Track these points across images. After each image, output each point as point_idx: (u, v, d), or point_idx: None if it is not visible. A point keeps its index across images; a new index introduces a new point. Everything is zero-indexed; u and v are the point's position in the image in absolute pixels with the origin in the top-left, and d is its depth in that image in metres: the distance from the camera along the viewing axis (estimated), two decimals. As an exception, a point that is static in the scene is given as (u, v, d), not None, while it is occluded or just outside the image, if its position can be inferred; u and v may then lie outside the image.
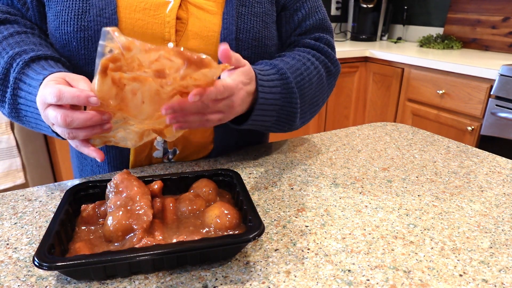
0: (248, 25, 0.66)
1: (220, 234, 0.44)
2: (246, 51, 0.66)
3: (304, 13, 0.74)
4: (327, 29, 0.77)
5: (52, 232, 0.40)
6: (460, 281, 0.40)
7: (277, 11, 0.73)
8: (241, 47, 0.66)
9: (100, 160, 0.48)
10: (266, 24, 0.69)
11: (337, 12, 2.87)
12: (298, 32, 0.75)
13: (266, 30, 0.69)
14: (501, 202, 0.57)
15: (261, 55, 0.69)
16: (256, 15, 0.67)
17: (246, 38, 0.66)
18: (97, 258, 0.37)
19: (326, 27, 0.77)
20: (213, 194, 0.51)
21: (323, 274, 0.41)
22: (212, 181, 0.53)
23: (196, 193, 0.50)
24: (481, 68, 1.66)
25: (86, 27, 0.60)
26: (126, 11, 0.61)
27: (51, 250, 0.39)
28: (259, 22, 0.68)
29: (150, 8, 0.62)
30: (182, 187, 0.53)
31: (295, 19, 0.74)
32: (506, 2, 2.11)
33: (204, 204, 0.48)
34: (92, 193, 0.51)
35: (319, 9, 0.76)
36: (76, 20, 0.59)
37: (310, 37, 0.75)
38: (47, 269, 0.36)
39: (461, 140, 1.83)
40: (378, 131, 0.86)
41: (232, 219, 0.45)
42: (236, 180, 0.52)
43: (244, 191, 0.49)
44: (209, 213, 0.46)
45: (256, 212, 0.44)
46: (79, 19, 0.59)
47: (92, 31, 0.60)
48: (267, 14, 0.69)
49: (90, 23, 0.60)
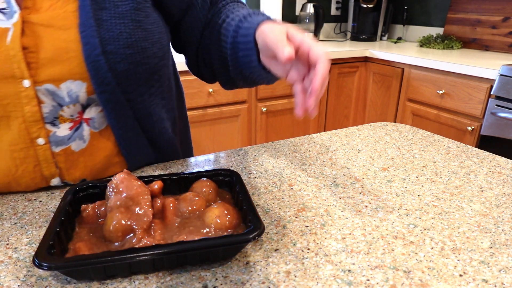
0: (114, 32, 0.53)
1: (220, 234, 0.44)
2: (121, 64, 0.55)
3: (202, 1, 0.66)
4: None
5: (52, 232, 0.40)
6: (460, 281, 0.40)
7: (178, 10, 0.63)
8: (113, 61, 0.54)
9: None
10: (138, 22, 0.56)
11: (337, 12, 2.87)
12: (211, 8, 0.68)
13: (139, 30, 0.56)
14: (501, 202, 0.57)
15: (142, 62, 0.57)
16: (122, 17, 0.54)
17: (116, 49, 0.54)
18: (97, 258, 0.37)
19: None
20: (213, 194, 0.51)
21: (323, 274, 0.41)
22: (212, 181, 0.53)
23: (196, 193, 0.50)
24: (481, 68, 1.66)
25: None
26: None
27: (51, 250, 0.39)
28: (128, 24, 0.55)
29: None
30: (182, 187, 0.53)
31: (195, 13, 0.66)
32: (506, 2, 2.11)
33: (204, 204, 0.49)
34: (92, 193, 0.51)
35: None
36: None
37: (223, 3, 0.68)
38: (47, 269, 0.36)
39: (461, 140, 1.83)
40: (378, 131, 0.86)
41: (232, 219, 0.45)
42: (236, 180, 0.52)
43: (244, 191, 0.49)
44: (209, 213, 0.46)
45: (256, 212, 0.44)
46: None
47: None
48: (137, 10, 0.56)
49: None
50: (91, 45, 0.52)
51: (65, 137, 0.56)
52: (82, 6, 0.52)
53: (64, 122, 0.56)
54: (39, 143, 0.55)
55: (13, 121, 0.53)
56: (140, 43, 0.56)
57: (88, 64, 0.53)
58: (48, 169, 0.57)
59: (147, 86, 0.61)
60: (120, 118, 0.59)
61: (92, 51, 0.52)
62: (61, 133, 0.56)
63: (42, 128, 0.54)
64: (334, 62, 2.18)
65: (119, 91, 0.56)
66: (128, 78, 0.57)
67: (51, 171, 0.57)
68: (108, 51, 0.53)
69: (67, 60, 0.52)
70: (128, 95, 0.58)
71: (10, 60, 0.50)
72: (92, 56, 0.53)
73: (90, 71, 0.53)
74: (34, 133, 0.54)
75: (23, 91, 0.51)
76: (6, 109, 0.52)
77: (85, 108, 0.57)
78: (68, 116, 0.56)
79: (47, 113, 0.54)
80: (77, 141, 0.58)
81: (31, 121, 0.53)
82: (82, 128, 0.58)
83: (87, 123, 0.58)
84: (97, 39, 0.52)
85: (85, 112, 0.57)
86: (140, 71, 0.57)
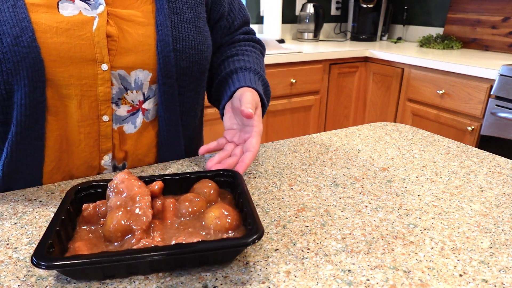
0: (183, 34, 0.64)
1: (220, 236, 0.44)
2: (184, 61, 0.64)
3: (233, 15, 0.79)
4: (249, 21, 0.85)
5: (51, 231, 0.40)
6: (460, 281, 0.40)
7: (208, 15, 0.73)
8: (179, 58, 0.63)
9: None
10: (199, 29, 0.67)
11: (337, 12, 2.87)
12: (229, 32, 0.80)
13: (200, 35, 0.67)
14: (501, 202, 0.57)
15: (198, 62, 0.67)
16: (189, 22, 0.65)
17: (183, 48, 0.63)
18: (93, 259, 0.37)
19: (248, 19, 0.84)
20: (214, 195, 0.51)
21: (323, 274, 0.41)
22: (213, 181, 0.53)
23: (197, 194, 0.50)
24: (481, 68, 1.66)
25: (2, 60, 0.52)
26: (46, 35, 0.54)
27: (50, 249, 0.39)
28: (193, 29, 0.65)
29: (73, 28, 0.55)
30: (183, 188, 0.53)
31: (226, 23, 0.78)
32: (506, 2, 2.11)
33: (205, 205, 0.48)
34: (94, 192, 0.51)
35: (241, 6, 0.82)
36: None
37: (240, 32, 0.82)
38: (44, 268, 0.36)
39: (461, 140, 1.83)
40: (378, 131, 0.86)
41: (232, 220, 0.45)
42: (238, 181, 0.51)
43: (245, 192, 0.49)
44: (209, 214, 0.45)
45: (256, 215, 0.43)
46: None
47: (10, 64, 0.52)
48: (199, 18, 0.67)
49: (6, 54, 0.52)
50: (165, 42, 0.61)
51: (121, 117, 0.64)
52: (160, 8, 0.62)
53: (125, 104, 0.64)
54: (104, 120, 0.62)
55: (86, 99, 0.60)
56: (199, 46, 0.66)
57: (160, 58, 0.61)
58: (105, 144, 0.64)
59: (196, 83, 0.69)
60: (169, 110, 0.66)
61: (165, 47, 0.61)
62: (120, 113, 0.64)
63: (109, 107, 0.62)
64: (334, 62, 2.18)
65: (176, 85, 0.65)
66: (185, 74, 0.65)
67: (108, 146, 0.64)
68: (177, 49, 0.63)
69: (141, 51, 0.61)
70: (181, 89, 0.67)
71: (94, 45, 0.57)
72: (164, 52, 0.61)
73: (159, 64, 0.62)
74: (102, 111, 0.62)
75: (100, 73, 0.59)
76: (82, 88, 0.59)
77: (145, 100, 0.65)
78: (130, 100, 0.64)
79: (114, 94, 0.62)
80: (130, 124, 0.65)
81: (101, 100, 0.61)
82: (137, 115, 0.66)
83: (143, 112, 0.66)
84: (170, 38, 0.62)
85: (145, 102, 0.65)
86: (196, 69, 0.67)
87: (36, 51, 0.53)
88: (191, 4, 0.66)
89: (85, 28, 0.56)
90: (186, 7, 0.65)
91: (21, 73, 0.53)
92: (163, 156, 0.70)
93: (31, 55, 0.53)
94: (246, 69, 0.71)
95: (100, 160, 0.65)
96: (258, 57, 0.79)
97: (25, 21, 0.53)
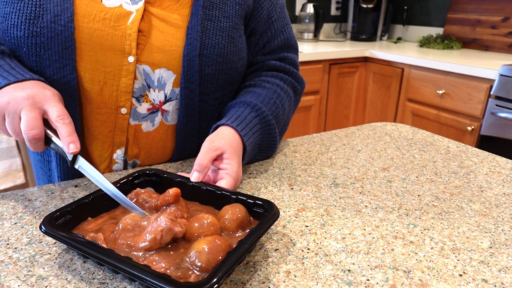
0: (213, 41, 0.64)
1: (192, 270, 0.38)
2: (209, 68, 0.64)
3: (270, 35, 0.73)
4: (292, 47, 0.77)
5: (79, 202, 0.45)
6: (460, 281, 0.40)
7: (244, 28, 0.71)
8: (204, 64, 0.64)
9: (71, 151, 0.49)
10: (232, 39, 0.66)
11: (337, 12, 2.87)
12: (263, 52, 0.75)
13: (232, 45, 0.66)
14: (501, 202, 0.57)
15: (225, 71, 0.66)
16: (222, 30, 0.65)
17: (210, 54, 0.64)
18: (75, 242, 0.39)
19: (291, 45, 0.77)
20: (234, 225, 0.44)
21: (323, 274, 0.41)
22: (244, 209, 0.46)
23: (218, 217, 0.45)
24: (481, 68, 1.66)
25: (39, 33, 0.56)
26: (84, 19, 0.58)
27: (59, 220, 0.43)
28: (225, 38, 0.65)
29: (110, 18, 0.59)
30: (220, 204, 0.49)
31: (260, 41, 0.73)
32: (506, 2, 2.11)
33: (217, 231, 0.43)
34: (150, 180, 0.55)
35: (285, 28, 0.75)
36: (28, 24, 0.56)
37: (275, 57, 0.75)
38: (44, 233, 0.41)
39: (461, 140, 1.83)
40: (378, 131, 0.86)
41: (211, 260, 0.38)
42: (266, 218, 0.43)
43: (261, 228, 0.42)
44: (193, 245, 0.40)
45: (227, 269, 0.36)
46: (30, 24, 0.56)
47: (45, 38, 0.56)
48: (234, 29, 0.66)
49: (43, 29, 0.56)
50: (192, 46, 0.62)
51: (141, 114, 0.65)
52: (195, 13, 0.63)
53: (146, 102, 0.64)
54: (122, 112, 0.63)
55: (107, 88, 0.61)
56: (229, 55, 0.66)
57: (185, 60, 0.63)
58: (119, 137, 0.65)
59: (221, 92, 0.69)
60: (188, 115, 0.67)
61: (192, 51, 0.62)
62: (140, 110, 0.65)
63: (129, 100, 0.63)
64: (334, 62, 2.18)
65: (198, 90, 0.65)
66: (209, 81, 0.66)
67: (122, 139, 0.65)
68: (204, 54, 0.63)
69: (169, 51, 0.62)
70: (204, 96, 0.67)
71: (125, 37, 0.59)
72: (190, 55, 0.62)
73: (184, 67, 0.63)
74: (121, 102, 0.63)
75: (126, 64, 0.60)
76: (106, 76, 0.60)
77: (166, 101, 0.66)
78: (151, 98, 0.64)
79: (136, 89, 0.63)
80: (148, 123, 0.66)
81: (123, 91, 0.62)
82: (157, 114, 0.66)
83: (162, 113, 0.67)
84: (199, 43, 0.63)
85: (166, 104, 0.66)
86: (222, 78, 0.67)
87: (70, 31, 0.57)
88: (229, 13, 0.66)
89: (121, 20, 0.59)
90: (223, 16, 0.65)
91: (53, 49, 0.57)
92: (175, 158, 0.71)
93: (64, 33, 0.57)
94: (243, 104, 0.66)
95: (113, 153, 0.66)
96: (278, 91, 0.71)
97: (68, 2, 0.57)
